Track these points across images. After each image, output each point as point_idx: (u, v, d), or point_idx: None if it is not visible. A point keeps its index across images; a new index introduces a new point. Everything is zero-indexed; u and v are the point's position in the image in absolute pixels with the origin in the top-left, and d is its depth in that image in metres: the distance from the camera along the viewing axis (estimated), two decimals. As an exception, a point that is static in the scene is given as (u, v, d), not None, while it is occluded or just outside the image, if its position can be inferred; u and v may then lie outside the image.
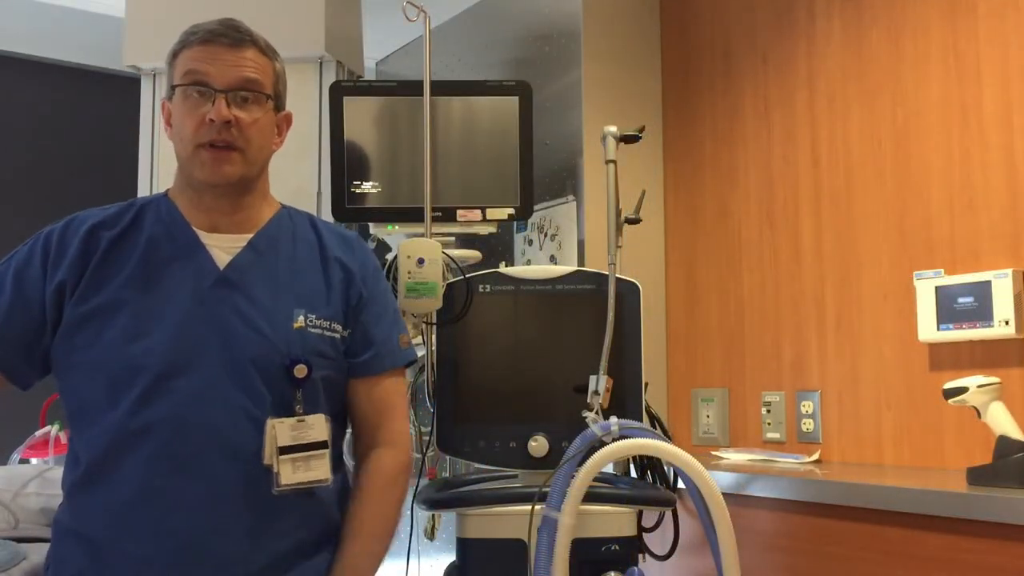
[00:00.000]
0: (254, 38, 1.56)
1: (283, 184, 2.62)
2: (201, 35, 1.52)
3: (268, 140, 1.58)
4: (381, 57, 3.71)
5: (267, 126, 1.56)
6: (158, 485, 1.42)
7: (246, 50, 1.53)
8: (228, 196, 1.56)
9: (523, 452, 1.87)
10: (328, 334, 1.56)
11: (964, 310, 2.09)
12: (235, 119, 1.49)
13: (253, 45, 1.55)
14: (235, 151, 1.50)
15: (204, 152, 1.50)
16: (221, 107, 1.48)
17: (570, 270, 1.96)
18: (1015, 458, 1.74)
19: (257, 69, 1.53)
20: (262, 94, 1.53)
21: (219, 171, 1.50)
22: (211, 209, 1.56)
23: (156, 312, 1.48)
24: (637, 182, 2.52)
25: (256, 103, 1.52)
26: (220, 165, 1.50)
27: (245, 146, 1.51)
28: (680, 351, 2.89)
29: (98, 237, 1.53)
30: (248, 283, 1.53)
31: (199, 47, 1.51)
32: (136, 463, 1.42)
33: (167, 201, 1.59)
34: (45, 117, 3.56)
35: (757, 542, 2.04)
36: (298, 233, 1.64)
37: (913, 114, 2.29)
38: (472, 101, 2.25)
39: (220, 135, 1.49)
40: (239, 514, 1.44)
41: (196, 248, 1.54)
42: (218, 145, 1.49)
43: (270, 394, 1.48)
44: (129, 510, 1.42)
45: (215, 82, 1.49)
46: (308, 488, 1.49)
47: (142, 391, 1.44)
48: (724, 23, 2.82)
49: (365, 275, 1.64)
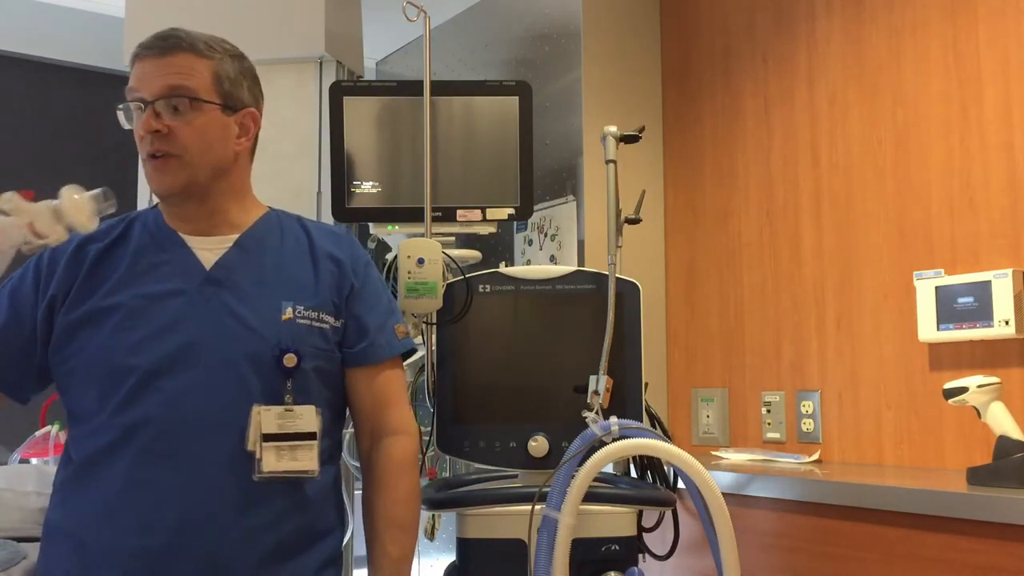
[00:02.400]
0: (188, 42, 1.53)
1: (283, 184, 2.64)
2: (136, 50, 1.54)
3: (215, 142, 1.55)
4: (381, 57, 3.71)
5: (210, 129, 1.53)
6: (145, 479, 1.43)
7: (174, 56, 1.51)
8: (188, 203, 1.56)
9: (523, 452, 1.87)
10: (317, 324, 1.57)
11: (964, 310, 2.09)
12: (167, 128, 1.49)
13: (185, 50, 1.52)
14: (172, 159, 1.50)
15: (147, 164, 1.52)
16: (147, 119, 1.49)
17: (570, 270, 1.96)
18: (1015, 458, 1.74)
19: (184, 74, 1.51)
20: (193, 98, 1.51)
21: (161, 181, 1.52)
22: (186, 217, 1.58)
23: (145, 314, 1.50)
24: (637, 182, 2.52)
25: (192, 108, 1.51)
26: (160, 175, 1.52)
27: (182, 152, 1.50)
28: (680, 351, 2.89)
29: (86, 250, 1.55)
30: (235, 280, 1.55)
31: (137, 63, 1.53)
32: (124, 459, 1.43)
33: (155, 212, 1.62)
34: (45, 117, 3.56)
35: (757, 542, 2.04)
36: (286, 232, 1.65)
37: (913, 114, 2.29)
38: (472, 101, 2.25)
39: (153, 146, 1.50)
40: (225, 507, 1.45)
41: (182, 251, 1.55)
42: (156, 155, 1.51)
43: (260, 386, 1.49)
44: (116, 504, 1.43)
45: (145, 94, 1.50)
46: (293, 478, 1.49)
47: (130, 390, 1.45)
48: (724, 23, 2.82)
49: (356, 266, 1.65)
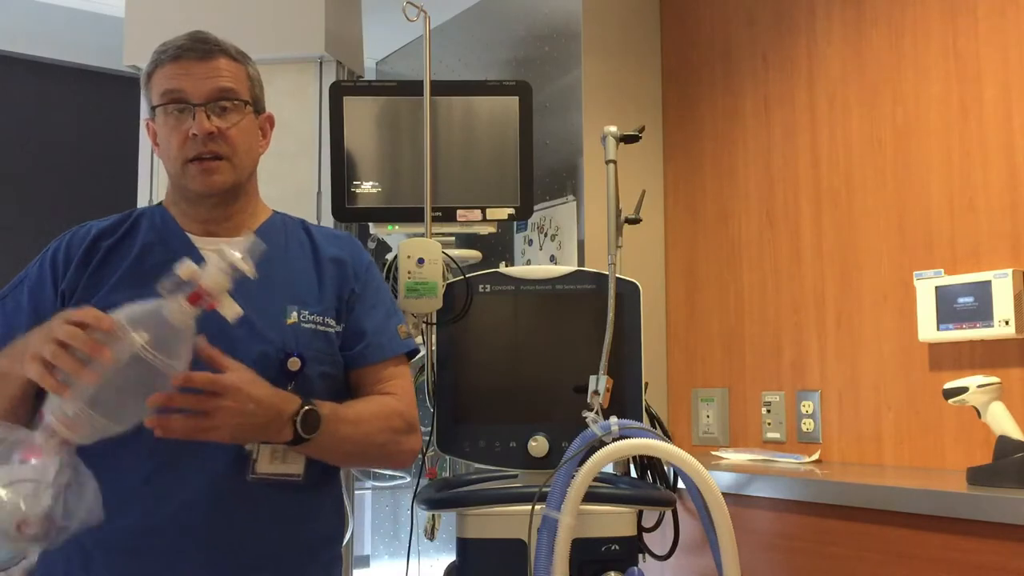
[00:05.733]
0: (223, 47, 1.57)
1: (283, 184, 2.64)
2: (171, 52, 1.54)
3: (253, 144, 1.61)
4: (381, 57, 3.71)
5: (250, 131, 1.59)
6: (145, 479, 1.44)
7: (217, 60, 1.55)
8: (222, 204, 1.59)
9: (523, 452, 1.87)
10: (321, 328, 1.57)
11: (964, 310, 2.09)
12: (217, 130, 1.52)
13: (223, 54, 1.56)
14: (222, 160, 1.54)
15: (193, 166, 1.53)
16: (202, 121, 1.51)
17: (570, 270, 1.96)
18: (1015, 458, 1.74)
19: (231, 77, 1.55)
20: (240, 101, 1.56)
21: (210, 182, 1.54)
22: (206, 219, 1.59)
23: None
24: (637, 182, 2.52)
25: (235, 111, 1.55)
26: (210, 176, 1.53)
27: (231, 154, 1.54)
28: (680, 351, 2.89)
29: (98, 247, 1.56)
30: (241, 283, 1.54)
31: (171, 64, 1.54)
32: (124, 459, 1.43)
33: (162, 210, 1.63)
34: (45, 117, 3.56)
35: (757, 542, 2.04)
36: (290, 235, 1.66)
37: (913, 114, 2.29)
38: (472, 101, 2.25)
39: (206, 147, 1.52)
40: (225, 508, 1.45)
41: (189, 252, 1.55)
42: (205, 157, 1.52)
43: None
44: (116, 504, 1.43)
45: (192, 97, 1.52)
46: (283, 480, 1.49)
47: None
48: (724, 23, 2.82)
49: (358, 269, 1.66)
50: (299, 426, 1.41)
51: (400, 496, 3.28)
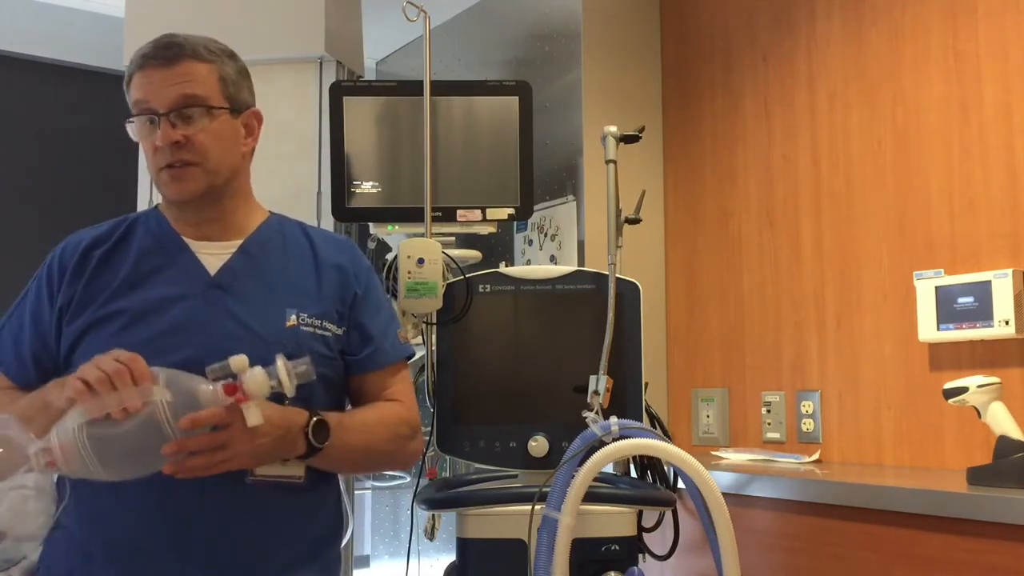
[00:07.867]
0: (189, 49, 1.53)
1: (283, 184, 2.64)
2: (137, 61, 1.53)
3: (229, 146, 1.57)
4: (381, 57, 3.72)
5: (223, 133, 1.55)
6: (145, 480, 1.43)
7: (182, 64, 1.51)
8: (205, 208, 1.57)
9: (523, 452, 1.87)
10: (320, 332, 1.57)
11: (964, 310, 2.09)
12: (184, 138, 1.50)
13: (189, 57, 1.52)
14: (192, 167, 1.52)
15: (164, 174, 1.52)
16: (166, 131, 1.49)
17: (570, 270, 1.96)
18: (1015, 458, 1.74)
19: (195, 82, 1.51)
20: (204, 106, 1.52)
21: (181, 189, 1.52)
22: (197, 222, 1.58)
23: (147, 320, 1.49)
24: (637, 182, 2.52)
25: (206, 115, 1.52)
26: (181, 183, 1.52)
27: (202, 160, 1.52)
28: (680, 351, 2.89)
29: (91, 257, 1.55)
30: (240, 286, 1.55)
31: (138, 74, 1.52)
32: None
33: (157, 214, 1.62)
34: (45, 117, 3.56)
35: (757, 542, 2.04)
36: (288, 238, 1.65)
37: (913, 114, 2.29)
38: (472, 101, 2.25)
39: (174, 156, 1.50)
40: (225, 510, 1.45)
41: (186, 256, 1.55)
42: (175, 165, 1.51)
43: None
44: (116, 505, 1.43)
45: (157, 106, 1.50)
46: (284, 482, 1.49)
47: None
48: (724, 23, 2.82)
49: (359, 274, 1.65)
50: (311, 436, 1.43)
51: (400, 496, 3.28)
